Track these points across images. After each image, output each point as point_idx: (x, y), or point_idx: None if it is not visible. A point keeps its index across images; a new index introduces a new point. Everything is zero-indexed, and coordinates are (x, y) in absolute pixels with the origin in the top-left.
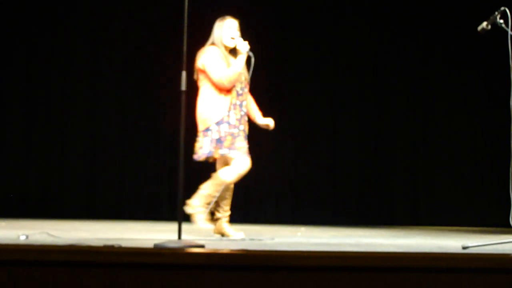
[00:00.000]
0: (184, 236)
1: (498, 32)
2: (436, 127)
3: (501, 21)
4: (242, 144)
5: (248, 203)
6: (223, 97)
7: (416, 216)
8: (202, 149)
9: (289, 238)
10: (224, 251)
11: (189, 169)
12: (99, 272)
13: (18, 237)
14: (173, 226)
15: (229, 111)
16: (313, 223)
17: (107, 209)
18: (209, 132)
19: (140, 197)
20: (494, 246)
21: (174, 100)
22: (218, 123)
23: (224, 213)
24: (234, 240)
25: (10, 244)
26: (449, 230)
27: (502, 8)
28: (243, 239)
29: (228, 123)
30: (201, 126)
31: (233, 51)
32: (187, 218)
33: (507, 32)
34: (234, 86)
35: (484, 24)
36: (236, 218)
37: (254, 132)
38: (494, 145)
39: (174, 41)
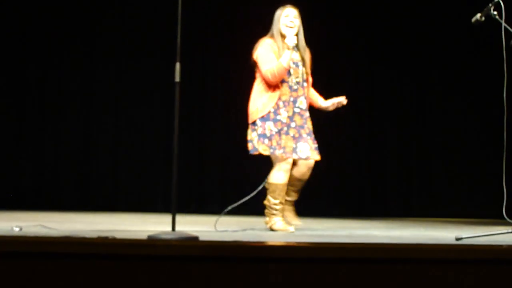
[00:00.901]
0: (178, 228)
1: (492, 23)
2: (430, 119)
3: (495, 12)
4: (289, 143)
5: (243, 194)
6: (271, 92)
7: (410, 207)
8: (252, 143)
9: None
10: (218, 243)
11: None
12: (93, 263)
13: (12, 228)
14: (168, 218)
15: (277, 108)
16: (307, 215)
17: (101, 200)
18: (255, 126)
19: (134, 189)
20: (488, 238)
21: (169, 91)
22: (263, 119)
23: (289, 198)
24: (227, 231)
25: (4, 235)
26: (443, 222)
27: (496, 0)
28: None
29: (275, 120)
30: (249, 119)
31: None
32: (181, 209)
33: (500, 23)
34: (285, 81)
35: (478, 15)
36: (231, 209)
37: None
38: (488, 137)
39: (167, 32)
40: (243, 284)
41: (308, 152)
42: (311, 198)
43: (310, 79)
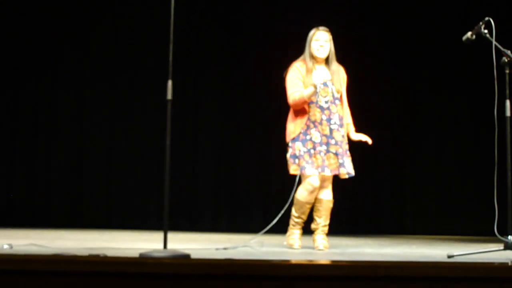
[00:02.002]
0: (170, 246)
1: (482, 42)
2: (422, 137)
3: (486, 31)
4: (333, 161)
5: (236, 211)
6: (301, 114)
7: (402, 225)
8: (287, 164)
9: (275, 247)
10: (210, 261)
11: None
12: (84, 281)
13: (2, 246)
14: (159, 235)
15: (307, 128)
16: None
17: (93, 218)
18: (289, 148)
19: (126, 206)
20: (479, 255)
21: (161, 110)
22: (293, 140)
23: (317, 225)
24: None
25: None
26: (435, 239)
27: (487, 18)
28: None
29: (305, 140)
30: (285, 140)
31: (326, 61)
32: (172, 227)
33: (491, 42)
34: (313, 102)
35: (469, 34)
36: (223, 226)
37: (243, 143)
38: (480, 154)
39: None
40: None
41: (350, 168)
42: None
43: (344, 97)
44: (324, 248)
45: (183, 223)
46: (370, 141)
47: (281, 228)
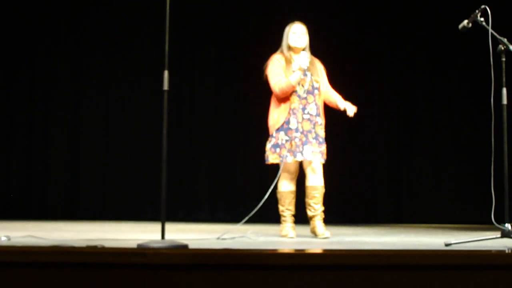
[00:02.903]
0: (167, 236)
1: (479, 30)
2: (419, 126)
3: (482, 19)
4: (296, 148)
5: (232, 202)
6: (283, 104)
7: (399, 214)
8: (266, 154)
9: (273, 237)
10: (207, 251)
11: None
12: (82, 272)
13: (0, 238)
14: (157, 226)
15: (288, 117)
16: (297, 222)
17: (90, 209)
18: (271, 138)
19: (123, 197)
20: (477, 243)
21: (158, 100)
22: (277, 130)
23: (315, 211)
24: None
25: None
26: (432, 228)
27: (483, 6)
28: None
29: (287, 129)
30: (269, 132)
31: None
32: (170, 218)
33: (487, 30)
34: (294, 91)
35: (465, 22)
36: (220, 216)
37: (239, 134)
38: (476, 142)
39: (156, 40)
40: None
41: (310, 155)
42: (301, 205)
43: (324, 87)
44: (329, 234)
45: (181, 213)
46: (352, 112)
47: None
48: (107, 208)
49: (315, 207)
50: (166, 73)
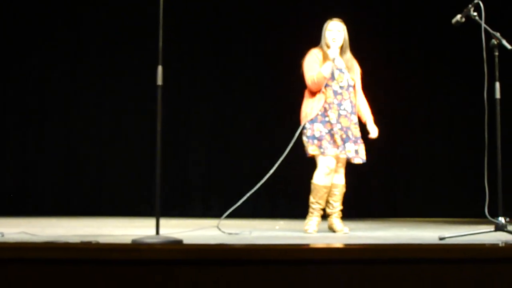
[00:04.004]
0: (162, 232)
1: (472, 24)
2: (412, 120)
3: (475, 13)
4: (339, 144)
5: (226, 197)
6: (318, 96)
7: (393, 208)
8: (305, 147)
9: (267, 232)
10: (202, 246)
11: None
12: (76, 269)
13: None
14: (151, 221)
15: (325, 111)
16: (291, 217)
17: (84, 205)
18: (305, 130)
19: (118, 193)
20: (470, 237)
21: (152, 95)
22: (311, 122)
23: (334, 209)
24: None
25: None
26: (426, 222)
27: (476, 1)
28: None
29: (324, 121)
30: (301, 123)
31: (341, 51)
32: (164, 213)
33: (480, 24)
34: (328, 85)
35: (458, 17)
36: (214, 212)
37: (234, 129)
38: (470, 137)
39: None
40: (227, 286)
41: (353, 153)
42: (294, 200)
43: (358, 86)
44: (347, 230)
45: (175, 209)
46: (373, 136)
47: (272, 214)
48: (101, 204)
49: (334, 204)
50: (160, 68)
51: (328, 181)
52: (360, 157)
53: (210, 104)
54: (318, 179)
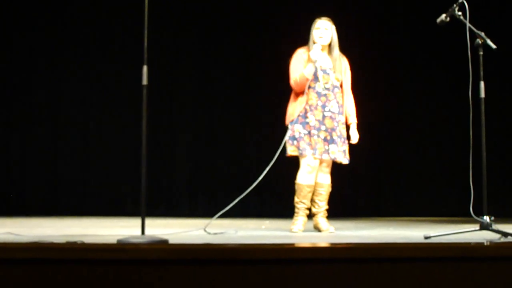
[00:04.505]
0: (147, 231)
1: (456, 24)
2: (397, 118)
3: (460, 13)
4: (320, 146)
5: (214, 196)
6: (300, 98)
7: (378, 207)
8: (284, 146)
9: (253, 231)
10: (188, 246)
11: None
12: (62, 269)
13: None
14: (137, 221)
15: (305, 112)
16: (277, 216)
17: (69, 205)
18: (288, 131)
19: (103, 193)
20: (456, 236)
21: (137, 95)
22: (292, 122)
23: (319, 208)
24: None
25: None
26: (411, 221)
27: (460, 0)
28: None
29: (304, 123)
30: (285, 124)
31: (329, 49)
32: (150, 213)
33: (465, 24)
34: (311, 87)
35: (443, 16)
36: (200, 211)
37: (219, 128)
38: (455, 136)
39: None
40: (213, 286)
41: (337, 154)
42: (279, 199)
43: (346, 86)
44: (333, 229)
45: (160, 208)
46: (353, 142)
47: (258, 213)
48: (86, 203)
49: (320, 204)
50: (145, 68)
51: (311, 180)
52: (347, 158)
53: (195, 103)
54: (301, 178)
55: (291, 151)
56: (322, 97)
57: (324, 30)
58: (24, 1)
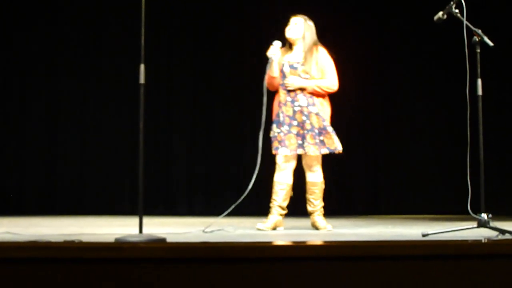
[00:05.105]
0: (145, 230)
1: (454, 21)
2: (396, 117)
3: (457, 10)
4: (293, 141)
5: (212, 196)
6: (276, 97)
7: (376, 205)
8: None
9: (250, 230)
10: (185, 244)
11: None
12: (60, 268)
13: None
14: (135, 220)
15: (279, 110)
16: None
17: (67, 204)
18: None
19: (101, 192)
20: (453, 233)
21: (134, 94)
22: (272, 122)
23: (315, 207)
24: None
25: None
26: (409, 219)
27: None
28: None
29: (278, 122)
30: None
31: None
32: (147, 211)
33: (462, 21)
34: (282, 84)
35: (440, 13)
36: (198, 210)
37: (218, 128)
38: (452, 133)
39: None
40: (211, 285)
41: (309, 147)
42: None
43: (326, 75)
44: (330, 227)
45: (158, 207)
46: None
47: (255, 211)
48: (84, 202)
49: (315, 202)
50: (142, 66)
51: (282, 177)
52: (327, 147)
53: (192, 102)
54: (275, 175)
55: (272, 150)
56: (291, 93)
57: (293, 25)
58: (23, 0)
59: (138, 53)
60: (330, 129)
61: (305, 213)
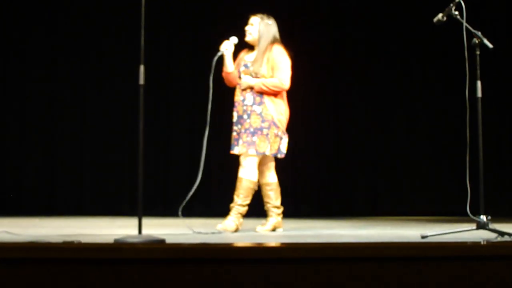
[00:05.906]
0: (144, 231)
1: (453, 23)
2: (395, 117)
3: (456, 12)
4: (245, 139)
5: (210, 196)
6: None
7: (376, 206)
8: None
9: (249, 231)
10: (184, 245)
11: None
12: (59, 268)
13: None
14: (134, 221)
15: (234, 110)
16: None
17: (66, 205)
18: None
19: (100, 192)
20: (452, 235)
21: (134, 95)
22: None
23: (273, 209)
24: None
25: None
26: (409, 220)
27: (457, 0)
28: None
29: (233, 121)
30: None
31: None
32: (147, 212)
33: (462, 23)
34: (238, 84)
35: (440, 15)
36: (197, 211)
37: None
38: (452, 135)
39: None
40: (209, 285)
41: (244, 146)
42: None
43: (276, 75)
44: (282, 230)
45: (157, 208)
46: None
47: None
48: (83, 203)
49: (270, 202)
50: (142, 67)
51: (241, 174)
52: (255, 149)
53: (193, 103)
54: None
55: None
56: (243, 92)
57: (249, 25)
58: (22, 0)
59: (138, 53)
60: (265, 131)
61: (304, 214)
